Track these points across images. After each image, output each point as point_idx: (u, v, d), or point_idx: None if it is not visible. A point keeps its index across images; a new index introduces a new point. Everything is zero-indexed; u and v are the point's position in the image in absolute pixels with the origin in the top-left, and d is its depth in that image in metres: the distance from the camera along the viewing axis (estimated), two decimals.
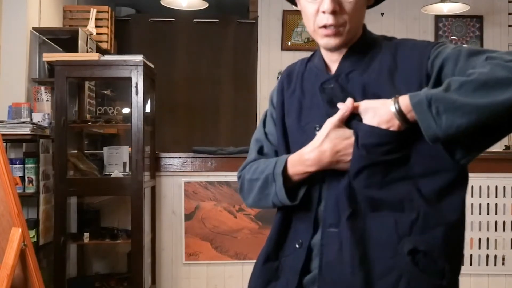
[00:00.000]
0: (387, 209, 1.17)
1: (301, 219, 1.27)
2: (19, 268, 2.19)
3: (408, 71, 1.20)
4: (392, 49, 1.24)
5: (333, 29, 1.21)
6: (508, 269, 3.67)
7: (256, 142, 1.42)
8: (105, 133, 4.55)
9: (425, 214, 1.15)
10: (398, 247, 1.15)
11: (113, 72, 3.39)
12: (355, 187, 1.18)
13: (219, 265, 3.66)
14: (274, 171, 1.26)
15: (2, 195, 2.14)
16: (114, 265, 3.75)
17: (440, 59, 1.18)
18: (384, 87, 1.20)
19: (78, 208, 3.65)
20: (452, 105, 1.05)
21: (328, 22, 1.20)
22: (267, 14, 5.67)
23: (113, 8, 5.15)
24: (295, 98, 1.32)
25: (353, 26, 1.23)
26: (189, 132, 5.80)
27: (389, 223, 1.16)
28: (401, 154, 1.17)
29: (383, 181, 1.17)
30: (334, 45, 1.23)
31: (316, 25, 1.22)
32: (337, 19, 1.20)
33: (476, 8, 5.61)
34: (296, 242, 1.26)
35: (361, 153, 1.17)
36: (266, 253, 1.31)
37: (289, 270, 1.26)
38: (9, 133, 3.16)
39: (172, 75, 5.79)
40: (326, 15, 1.19)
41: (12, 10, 3.71)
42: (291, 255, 1.27)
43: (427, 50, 1.20)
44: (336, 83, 1.26)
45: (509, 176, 3.68)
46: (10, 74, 3.67)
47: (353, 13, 1.21)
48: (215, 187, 3.65)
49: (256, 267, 1.33)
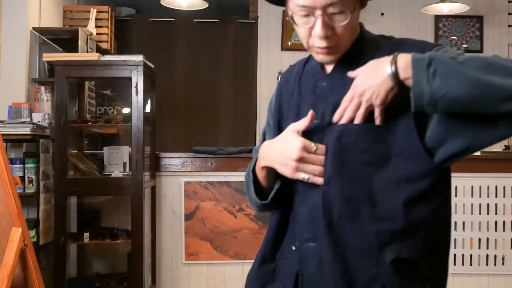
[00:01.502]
0: (365, 218, 1.14)
1: (295, 221, 1.25)
2: (19, 268, 2.19)
3: None
4: (390, 48, 1.21)
5: (327, 49, 1.19)
6: (508, 269, 3.67)
7: (255, 152, 1.42)
8: (105, 133, 4.55)
9: (405, 220, 1.13)
10: (379, 256, 1.12)
11: (113, 72, 3.39)
12: (330, 197, 1.16)
13: (219, 265, 3.66)
14: (248, 170, 1.33)
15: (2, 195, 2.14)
16: (114, 265, 3.75)
17: None
18: None
19: (78, 208, 3.65)
20: (451, 70, 1.03)
21: (321, 45, 1.17)
22: (267, 14, 5.67)
23: (113, 8, 5.15)
24: (294, 101, 1.30)
25: (347, 43, 1.20)
26: (189, 132, 5.80)
27: (369, 232, 1.13)
28: (379, 156, 1.14)
29: (360, 188, 1.14)
30: (330, 61, 1.22)
31: (310, 44, 1.21)
32: (329, 42, 1.17)
33: (476, 8, 5.61)
34: (293, 245, 1.24)
35: (334, 156, 1.15)
36: (263, 255, 1.30)
37: (285, 273, 1.25)
38: (9, 133, 3.16)
39: (172, 75, 5.79)
40: (318, 39, 1.16)
41: (12, 10, 3.72)
42: (288, 258, 1.25)
43: (426, 52, 1.19)
44: (329, 81, 1.24)
45: (509, 176, 3.68)
46: (10, 74, 3.67)
47: (347, 33, 1.18)
48: (215, 187, 3.65)
49: (253, 269, 1.32)
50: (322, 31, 1.14)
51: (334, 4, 1.12)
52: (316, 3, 1.12)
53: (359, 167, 1.15)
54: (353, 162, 1.15)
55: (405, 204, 1.13)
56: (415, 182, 1.14)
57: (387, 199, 1.14)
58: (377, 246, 1.13)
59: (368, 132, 1.15)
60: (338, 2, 1.12)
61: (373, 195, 1.14)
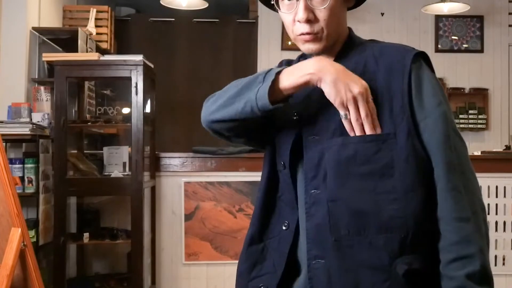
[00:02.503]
0: (374, 230, 1.13)
1: (284, 202, 1.26)
2: (18, 268, 2.19)
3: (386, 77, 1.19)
4: (372, 53, 1.23)
5: (311, 36, 1.20)
6: (508, 269, 3.67)
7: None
8: (105, 133, 4.55)
9: (414, 231, 1.12)
10: (391, 269, 1.11)
11: (113, 72, 3.39)
12: (336, 212, 1.15)
13: (219, 265, 3.66)
14: (267, 74, 1.19)
15: (2, 195, 2.14)
16: (114, 265, 3.75)
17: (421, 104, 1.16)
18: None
19: (78, 208, 3.65)
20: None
21: (304, 30, 1.20)
22: (267, 14, 5.67)
23: (113, 8, 5.15)
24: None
25: (331, 31, 1.21)
26: (189, 132, 5.80)
27: (378, 245, 1.12)
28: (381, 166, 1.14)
29: (365, 200, 1.14)
30: (315, 50, 1.23)
31: (295, 33, 1.23)
32: (312, 27, 1.19)
33: (477, 8, 5.60)
34: (282, 224, 1.24)
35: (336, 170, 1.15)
36: (251, 237, 1.29)
37: (276, 252, 1.25)
38: (9, 133, 3.16)
39: (172, 75, 5.78)
40: (302, 24, 1.19)
41: (12, 10, 3.71)
42: (277, 237, 1.25)
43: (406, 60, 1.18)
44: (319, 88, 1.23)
45: (509, 176, 3.68)
46: (10, 74, 3.66)
47: (329, 19, 1.20)
48: (215, 187, 3.65)
49: (242, 252, 1.31)
50: (304, 14, 1.18)
51: None
52: None
53: (362, 179, 1.14)
54: (355, 175, 1.14)
55: (413, 212, 1.13)
56: (421, 188, 1.14)
57: (395, 209, 1.13)
58: (388, 259, 1.12)
59: (367, 143, 1.15)
60: None
61: (379, 206, 1.13)
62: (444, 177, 1.14)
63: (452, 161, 1.14)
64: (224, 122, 1.27)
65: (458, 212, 1.12)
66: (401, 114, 1.15)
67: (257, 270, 1.27)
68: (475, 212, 1.14)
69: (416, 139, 1.14)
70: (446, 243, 1.13)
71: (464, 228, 1.12)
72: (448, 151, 1.15)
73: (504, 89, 5.80)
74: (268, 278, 1.25)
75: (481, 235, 1.12)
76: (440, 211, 1.14)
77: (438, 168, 1.14)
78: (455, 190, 1.13)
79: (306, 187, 1.20)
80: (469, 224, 1.12)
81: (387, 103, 1.16)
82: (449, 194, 1.13)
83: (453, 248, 1.12)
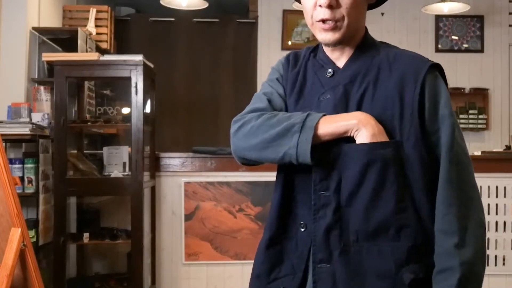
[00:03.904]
0: (383, 238, 1.13)
1: (301, 202, 1.23)
2: (18, 269, 2.18)
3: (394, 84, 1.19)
4: (387, 59, 1.23)
5: (331, 23, 1.19)
6: (508, 269, 3.67)
7: (263, 95, 1.33)
8: (105, 133, 4.54)
9: (421, 240, 1.14)
10: (397, 277, 1.12)
11: (112, 72, 3.39)
12: (347, 217, 1.15)
13: (219, 265, 3.66)
14: (305, 122, 1.16)
15: (2, 195, 2.13)
16: (114, 265, 3.75)
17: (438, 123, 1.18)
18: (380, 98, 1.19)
19: (78, 208, 3.65)
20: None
21: (325, 16, 1.19)
22: (267, 14, 5.67)
23: (112, 8, 5.14)
24: (298, 82, 1.30)
25: (351, 21, 1.20)
26: (189, 132, 5.80)
27: (386, 252, 1.13)
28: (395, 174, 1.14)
29: (378, 207, 1.14)
30: (332, 40, 1.22)
31: (314, 19, 1.21)
32: (334, 13, 1.18)
33: (477, 8, 5.60)
34: (298, 225, 1.22)
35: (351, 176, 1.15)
36: (269, 238, 1.27)
37: (294, 253, 1.23)
38: (9, 133, 3.15)
39: (172, 75, 5.78)
40: (323, 9, 1.18)
41: (11, 10, 3.71)
42: (294, 238, 1.23)
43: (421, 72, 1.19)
44: (332, 94, 1.23)
45: (509, 176, 3.68)
46: (10, 74, 3.66)
47: (351, 8, 1.19)
48: (215, 187, 3.65)
49: (258, 253, 1.29)
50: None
51: None
52: None
53: (376, 186, 1.14)
54: (369, 181, 1.14)
55: (421, 221, 1.14)
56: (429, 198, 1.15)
57: (404, 217, 1.14)
58: (395, 267, 1.12)
59: (377, 149, 1.14)
60: None
61: (390, 214, 1.14)
62: (441, 190, 1.15)
63: (451, 176, 1.15)
64: (259, 162, 1.29)
65: (444, 225, 1.13)
66: (410, 122, 1.15)
67: (276, 272, 1.26)
68: (465, 227, 1.13)
69: (423, 148, 1.15)
70: (435, 253, 1.14)
71: (447, 242, 1.12)
72: (449, 164, 1.15)
73: (504, 89, 5.80)
74: (288, 280, 1.24)
75: (468, 249, 1.12)
76: (435, 224, 1.15)
77: (439, 181, 1.15)
78: (445, 204, 1.14)
79: (314, 187, 1.20)
80: (453, 238, 1.12)
81: (397, 111, 1.16)
82: (440, 206, 1.14)
83: (437, 259, 1.13)
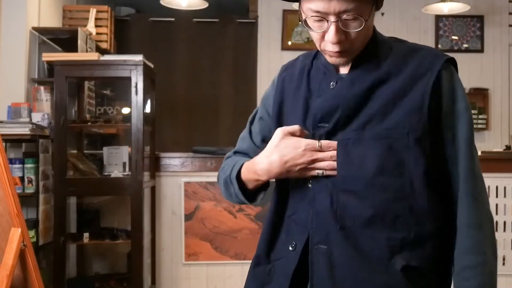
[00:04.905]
0: (379, 226, 1.14)
1: (295, 221, 1.23)
2: (18, 269, 2.18)
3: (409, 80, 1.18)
4: (404, 53, 1.22)
5: (340, 53, 1.18)
6: (508, 269, 3.67)
7: (240, 139, 1.44)
8: (105, 133, 4.54)
9: (416, 231, 1.14)
10: (389, 263, 1.13)
11: (112, 72, 3.39)
12: (344, 202, 1.15)
13: (219, 265, 3.66)
14: (230, 175, 1.30)
15: (2, 195, 2.13)
16: (113, 265, 3.75)
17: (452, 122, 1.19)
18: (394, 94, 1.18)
19: (78, 208, 3.64)
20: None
21: (333, 50, 1.16)
22: (267, 14, 5.67)
23: (112, 8, 5.14)
24: (301, 97, 1.26)
25: (360, 46, 1.19)
26: (189, 132, 5.80)
27: (381, 239, 1.13)
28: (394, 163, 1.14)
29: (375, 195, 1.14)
30: (342, 63, 1.21)
31: (322, 48, 1.20)
32: (342, 45, 1.16)
33: (477, 8, 5.60)
34: (289, 244, 1.22)
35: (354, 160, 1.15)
36: (257, 256, 1.29)
37: (281, 273, 1.23)
38: (9, 133, 3.15)
39: (172, 75, 5.78)
40: (331, 44, 1.16)
41: (11, 10, 3.71)
42: (284, 258, 1.23)
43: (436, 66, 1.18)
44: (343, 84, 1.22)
45: (509, 176, 3.68)
46: (10, 74, 3.66)
47: (360, 38, 1.17)
48: (215, 187, 3.65)
49: (249, 270, 1.31)
50: (335, 37, 1.14)
51: (348, 11, 1.11)
52: (330, 9, 1.11)
53: (373, 174, 1.14)
54: (367, 170, 1.14)
55: (418, 213, 1.14)
56: (429, 190, 1.15)
57: (401, 207, 1.14)
58: (388, 253, 1.13)
59: (381, 139, 1.14)
60: (352, 9, 1.11)
61: (387, 203, 1.14)
62: (466, 183, 1.16)
63: (473, 170, 1.17)
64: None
65: (471, 219, 1.16)
66: (419, 115, 1.14)
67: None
68: (487, 221, 1.17)
69: (428, 142, 1.15)
70: (458, 249, 1.16)
71: (476, 236, 1.15)
72: (471, 159, 1.17)
73: (504, 89, 5.80)
74: None
75: (490, 244, 1.17)
76: (457, 217, 1.17)
77: (459, 174, 1.17)
78: (472, 197, 1.16)
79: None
80: (480, 231, 1.15)
81: (407, 103, 1.15)
82: (466, 200, 1.16)
83: (463, 254, 1.15)
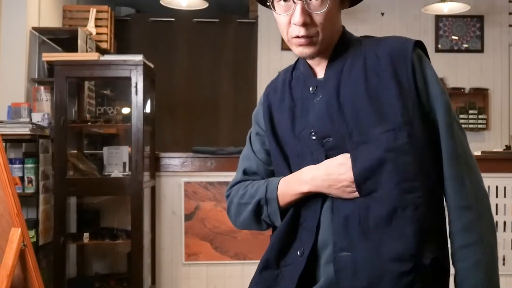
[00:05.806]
0: (402, 221, 1.14)
1: (305, 229, 1.24)
2: (18, 269, 2.18)
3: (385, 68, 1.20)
4: (372, 44, 1.24)
5: (306, 39, 1.19)
6: (508, 269, 3.67)
7: (244, 159, 1.43)
8: (105, 133, 4.54)
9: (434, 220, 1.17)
10: (417, 259, 1.13)
11: (112, 72, 3.39)
12: (367, 206, 1.15)
13: (219, 265, 3.66)
14: (266, 196, 1.28)
15: (2, 195, 2.13)
16: (114, 265, 3.75)
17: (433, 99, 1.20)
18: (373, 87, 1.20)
19: (78, 208, 3.64)
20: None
21: (299, 33, 1.19)
22: (267, 14, 5.66)
23: (112, 8, 5.14)
24: (286, 107, 1.29)
25: (326, 35, 1.21)
26: (189, 132, 5.80)
27: (406, 235, 1.13)
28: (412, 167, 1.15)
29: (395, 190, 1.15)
30: (309, 54, 1.22)
31: (289, 35, 1.22)
32: (308, 31, 1.18)
33: (477, 8, 5.60)
34: (298, 250, 1.23)
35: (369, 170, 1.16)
36: (266, 260, 1.28)
37: (287, 279, 1.23)
38: (9, 133, 3.15)
39: (172, 75, 5.79)
40: (297, 27, 1.18)
41: (11, 10, 3.71)
42: (293, 265, 1.23)
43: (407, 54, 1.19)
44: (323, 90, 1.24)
45: (509, 176, 3.68)
46: (10, 74, 3.66)
47: (325, 24, 1.19)
48: (215, 187, 3.65)
49: (255, 274, 1.31)
50: (301, 17, 1.17)
51: None
52: None
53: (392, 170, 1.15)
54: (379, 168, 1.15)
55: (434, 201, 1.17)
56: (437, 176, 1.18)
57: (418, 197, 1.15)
58: (415, 249, 1.13)
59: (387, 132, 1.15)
60: None
61: (406, 195, 1.15)
62: (449, 166, 1.17)
63: (456, 150, 1.18)
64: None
65: (461, 201, 1.16)
66: (412, 100, 1.16)
67: None
68: (478, 200, 1.17)
69: (424, 126, 1.17)
70: (451, 230, 1.18)
71: (466, 216, 1.16)
72: (451, 140, 1.18)
73: (504, 89, 5.80)
74: None
75: (482, 222, 1.17)
76: (446, 199, 1.19)
77: (443, 158, 1.18)
78: (459, 179, 1.17)
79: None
80: (471, 212, 1.16)
81: (399, 94, 1.17)
82: (452, 182, 1.17)
83: (457, 235, 1.16)
